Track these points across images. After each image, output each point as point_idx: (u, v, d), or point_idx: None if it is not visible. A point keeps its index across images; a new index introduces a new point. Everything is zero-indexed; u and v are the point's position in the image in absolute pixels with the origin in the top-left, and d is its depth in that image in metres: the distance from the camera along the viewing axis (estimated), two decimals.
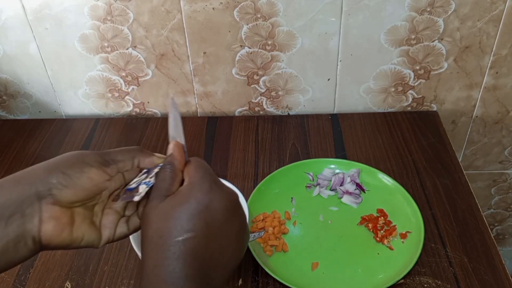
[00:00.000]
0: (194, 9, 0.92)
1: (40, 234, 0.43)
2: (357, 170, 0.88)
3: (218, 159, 0.95)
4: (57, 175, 0.44)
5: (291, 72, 1.01)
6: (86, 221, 0.46)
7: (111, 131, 1.04)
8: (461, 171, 0.89)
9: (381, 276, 0.72)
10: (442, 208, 0.82)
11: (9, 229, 0.41)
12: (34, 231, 0.42)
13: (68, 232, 0.44)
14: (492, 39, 0.94)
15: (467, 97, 1.03)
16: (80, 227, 0.45)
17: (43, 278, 0.74)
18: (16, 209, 0.41)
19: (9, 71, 1.03)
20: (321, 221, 0.81)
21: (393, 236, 0.78)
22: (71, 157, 0.46)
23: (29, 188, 0.42)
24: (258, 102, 1.06)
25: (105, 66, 1.01)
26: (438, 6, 0.90)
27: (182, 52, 0.98)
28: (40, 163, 0.45)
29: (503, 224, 1.32)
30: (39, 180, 0.43)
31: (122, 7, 0.92)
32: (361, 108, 1.06)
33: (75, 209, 0.45)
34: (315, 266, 0.74)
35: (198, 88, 1.04)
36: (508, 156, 1.14)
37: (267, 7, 0.91)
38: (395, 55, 0.97)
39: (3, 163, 0.97)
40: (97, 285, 0.73)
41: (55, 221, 0.43)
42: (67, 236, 0.44)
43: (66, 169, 0.44)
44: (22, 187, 0.42)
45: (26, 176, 0.43)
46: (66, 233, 0.44)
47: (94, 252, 0.78)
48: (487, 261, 0.73)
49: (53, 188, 0.43)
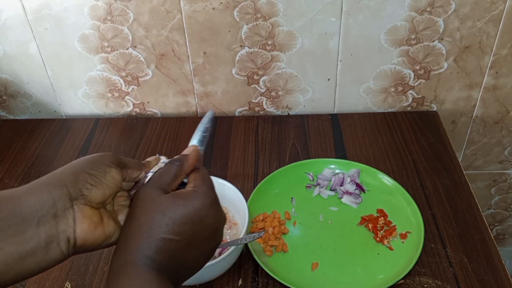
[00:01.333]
0: (194, 9, 0.92)
1: (76, 234, 0.44)
2: (357, 170, 0.88)
3: (218, 159, 0.95)
4: (84, 176, 0.45)
5: (291, 72, 1.01)
6: (111, 219, 0.48)
7: (111, 131, 1.04)
8: (461, 171, 0.89)
9: (381, 276, 0.72)
10: (442, 208, 0.82)
11: (41, 230, 0.42)
12: (69, 231, 0.44)
13: (101, 229, 0.46)
14: (492, 39, 0.94)
15: (467, 97, 1.03)
16: (108, 224, 0.47)
17: (43, 278, 0.74)
18: (48, 210, 0.42)
19: (9, 71, 1.03)
20: (321, 221, 0.82)
21: (393, 236, 0.78)
22: (92, 159, 0.48)
23: (61, 190, 0.44)
24: (258, 102, 1.06)
25: (105, 66, 1.01)
26: (438, 6, 0.90)
27: (182, 52, 0.98)
28: (64, 167, 0.47)
29: (503, 224, 1.32)
30: (69, 182, 0.45)
31: (122, 7, 0.92)
32: (361, 108, 1.06)
33: (101, 209, 0.48)
34: (315, 266, 0.74)
35: (198, 88, 1.04)
36: (508, 156, 1.14)
37: (267, 7, 0.91)
38: (395, 55, 0.97)
39: (3, 163, 0.97)
40: (97, 285, 0.73)
41: (89, 220, 0.45)
42: (101, 234, 0.46)
43: (91, 170, 0.46)
44: (53, 188, 0.44)
45: (55, 179, 0.45)
46: (100, 231, 0.46)
47: (94, 252, 0.77)
48: (487, 261, 0.73)
49: (83, 189, 0.45)
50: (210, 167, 0.92)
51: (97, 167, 0.47)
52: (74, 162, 0.48)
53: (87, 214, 0.45)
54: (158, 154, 0.54)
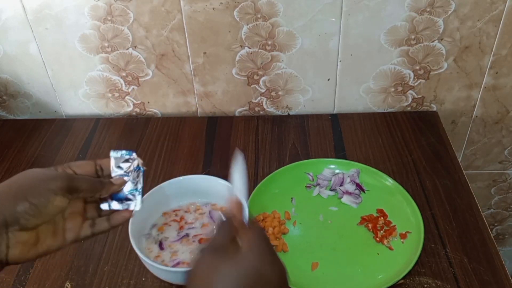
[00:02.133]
0: (194, 9, 0.92)
1: (8, 258, 0.45)
2: (357, 170, 0.88)
3: (218, 159, 0.95)
4: (24, 204, 0.45)
5: (291, 72, 1.01)
6: (49, 234, 0.48)
7: (111, 131, 1.04)
8: (461, 171, 0.89)
9: (381, 276, 0.72)
10: (442, 208, 0.82)
11: None
12: (1, 256, 0.44)
13: (34, 250, 0.47)
14: (492, 39, 0.94)
15: (467, 97, 1.03)
16: (45, 242, 0.48)
17: (43, 278, 0.74)
18: None
19: (9, 71, 1.04)
20: (321, 221, 0.82)
21: (393, 236, 0.78)
22: (37, 182, 0.46)
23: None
24: (258, 102, 1.06)
25: (105, 66, 1.01)
26: (438, 6, 0.90)
27: (182, 52, 0.98)
28: (4, 187, 0.46)
29: (503, 224, 1.32)
30: (6, 209, 0.44)
31: (122, 7, 0.92)
32: (361, 108, 1.06)
33: (39, 228, 0.47)
34: (315, 266, 0.74)
35: (198, 88, 1.04)
36: (508, 156, 1.14)
37: (267, 7, 0.91)
38: (395, 55, 0.97)
39: (3, 163, 0.97)
40: (97, 285, 0.73)
41: (21, 245, 0.45)
42: (33, 254, 0.47)
43: (32, 198, 0.45)
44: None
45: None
46: (32, 252, 0.47)
47: (94, 252, 0.78)
48: (487, 261, 0.73)
49: (20, 218, 0.45)
50: (210, 167, 0.93)
51: (40, 195, 0.46)
52: (16, 181, 0.46)
53: (21, 240, 0.45)
54: (113, 150, 0.53)
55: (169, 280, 0.70)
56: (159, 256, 0.72)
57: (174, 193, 0.78)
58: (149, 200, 0.75)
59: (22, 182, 0.47)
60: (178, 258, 0.71)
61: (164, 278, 0.70)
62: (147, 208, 0.75)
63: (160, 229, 0.76)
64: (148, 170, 0.92)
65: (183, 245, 0.73)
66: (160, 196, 0.77)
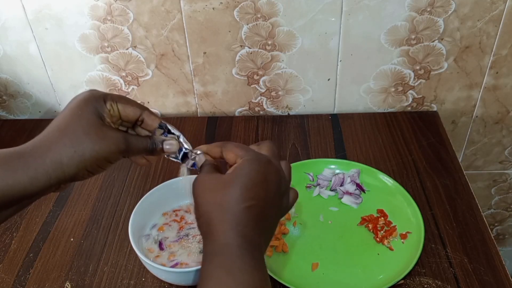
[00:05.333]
0: (194, 9, 0.92)
1: None
2: (357, 170, 0.88)
3: None
4: (83, 173, 0.50)
5: (291, 72, 1.01)
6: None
7: None
8: (461, 171, 0.89)
9: (381, 276, 0.72)
10: (442, 209, 0.82)
11: None
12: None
13: None
14: (492, 39, 0.94)
15: (467, 97, 1.03)
16: None
17: (43, 278, 0.74)
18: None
19: (9, 71, 1.03)
20: (321, 221, 0.81)
21: (393, 237, 0.78)
22: (98, 151, 0.50)
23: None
24: (258, 102, 1.06)
25: (105, 66, 1.01)
26: (438, 6, 0.90)
27: (182, 52, 0.98)
28: (58, 131, 0.53)
29: (503, 224, 1.32)
30: (63, 152, 0.52)
31: (122, 7, 0.92)
32: (361, 108, 1.06)
33: None
34: (315, 267, 0.74)
35: (198, 88, 1.04)
36: (508, 156, 1.14)
37: (267, 7, 0.91)
38: (395, 55, 0.97)
39: None
40: (97, 285, 0.73)
41: None
42: None
43: (91, 166, 0.50)
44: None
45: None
46: None
47: (94, 252, 0.78)
48: (487, 261, 0.73)
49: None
50: None
51: (98, 164, 0.51)
52: (77, 131, 0.52)
53: None
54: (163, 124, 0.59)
55: (169, 281, 0.70)
56: (159, 256, 0.72)
57: (174, 193, 0.78)
58: (149, 200, 0.75)
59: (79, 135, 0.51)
60: (176, 259, 0.71)
61: (164, 278, 0.70)
62: (147, 208, 0.75)
63: (160, 229, 0.75)
64: (148, 170, 0.92)
65: (182, 246, 0.73)
66: (160, 196, 0.77)
